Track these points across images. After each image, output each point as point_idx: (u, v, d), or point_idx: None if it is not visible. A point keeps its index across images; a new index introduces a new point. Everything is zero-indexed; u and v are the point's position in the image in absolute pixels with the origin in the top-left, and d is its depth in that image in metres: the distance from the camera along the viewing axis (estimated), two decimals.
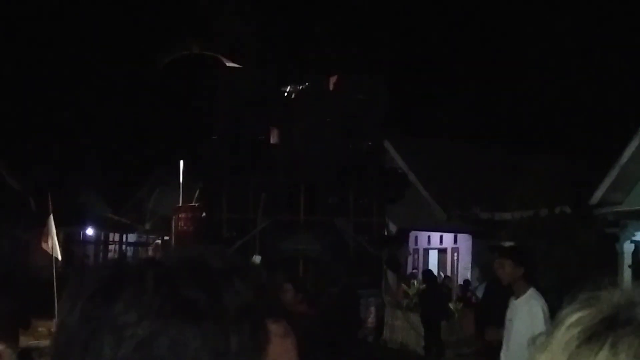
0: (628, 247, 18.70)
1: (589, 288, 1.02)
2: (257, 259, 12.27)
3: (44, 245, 12.59)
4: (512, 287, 7.23)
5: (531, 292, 7.18)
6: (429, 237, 26.15)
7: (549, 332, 0.99)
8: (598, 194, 19.81)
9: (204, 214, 18.88)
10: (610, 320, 0.94)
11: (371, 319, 18.54)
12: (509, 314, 7.19)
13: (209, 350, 0.95)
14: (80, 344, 0.98)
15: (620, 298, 0.97)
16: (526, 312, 7.14)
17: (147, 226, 30.00)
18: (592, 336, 0.94)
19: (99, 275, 1.03)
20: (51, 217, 12.62)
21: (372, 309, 18.57)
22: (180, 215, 20.03)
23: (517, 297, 7.20)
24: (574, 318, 0.97)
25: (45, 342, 9.04)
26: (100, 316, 0.98)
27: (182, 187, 20.64)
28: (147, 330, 0.95)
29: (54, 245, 12.38)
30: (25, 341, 9.40)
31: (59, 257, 12.72)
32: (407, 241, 24.42)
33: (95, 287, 1.00)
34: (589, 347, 0.92)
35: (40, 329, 10.98)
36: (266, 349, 0.99)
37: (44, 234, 12.90)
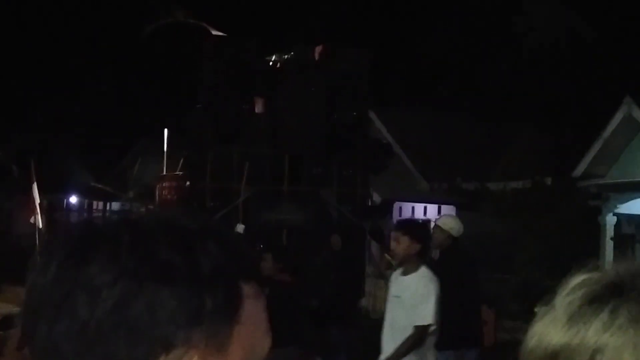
0: (610, 220, 18.83)
1: (571, 260, 1.04)
2: (240, 228, 12.29)
3: (31, 218, 12.55)
4: (403, 263, 6.81)
5: (423, 270, 6.84)
6: (412, 208, 26.20)
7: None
8: (581, 167, 19.92)
9: (187, 183, 18.84)
10: (614, 286, 0.95)
11: (363, 290, 18.65)
12: (395, 290, 6.88)
13: (184, 311, 0.96)
14: (54, 305, 0.99)
15: (625, 269, 0.98)
16: (419, 291, 6.78)
17: (131, 195, 29.92)
18: (594, 299, 0.95)
19: (73, 235, 1.03)
20: (34, 185, 12.57)
21: (366, 279, 18.70)
22: (164, 184, 19.97)
23: (407, 273, 6.84)
24: (578, 281, 0.98)
25: None
26: (75, 277, 0.98)
27: (166, 156, 20.56)
28: (123, 291, 0.96)
29: (36, 214, 12.35)
30: (6, 308, 9.38)
31: (41, 226, 12.68)
32: (391, 212, 24.46)
33: (69, 248, 1.00)
34: (590, 308, 0.95)
35: (21, 296, 10.96)
36: (240, 309, 1.00)
37: (29, 203, 12.85)
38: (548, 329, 0.96)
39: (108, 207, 33.99)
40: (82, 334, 0.96)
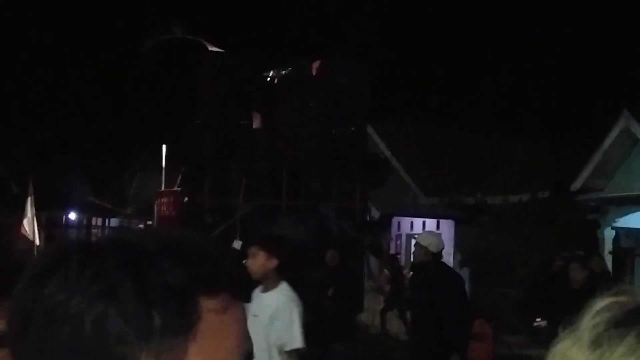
0: (609, 234, 18.84)
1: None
2: (237, 244, 12.26)
3: (22, 229, 12.53)
4: (262, 280, 6.35)
5: (283, 287, 6.44)
6: (411, 222, 26.21)
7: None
8: (580, 181, 19.92)
9: (186, 199, 18.83)
10: None
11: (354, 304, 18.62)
12: (253, 308, 6.16)
13: (132, 329, 0.99)
14: (19, 327, 1.03)
15: None
16: (278, 310, 6.29)
17: (129, 211, 29.92)
18: (620, 323, 0.94)
19: (42, 257, 1.08)
20: (29, 200, 12.54)
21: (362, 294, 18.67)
22: (162, 200, 19.97)
23: (266, 290, 6.39)
24: (604, 304, 0.97)
25: None
26: (34, 298, 1.02)
27: (165, 171, 20.57)
28: (74, 311, 0.99)
29: (33, 229, 12.32)
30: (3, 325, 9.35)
31: (37, 242, 12.65)
32: (389, 227, 24.47)
33: (36, 269, 1.05)
34: (616, 331, 0.93)
35: None
36: (196, 325, 1.02)
37: (23, 216, 12.85)
38: (571, 350, 0.95)
39: (107, 223, 33.97)
40: (40, 356, 1.00)
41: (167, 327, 1.00)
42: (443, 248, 9.05)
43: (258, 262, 6.24)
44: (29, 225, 12.51)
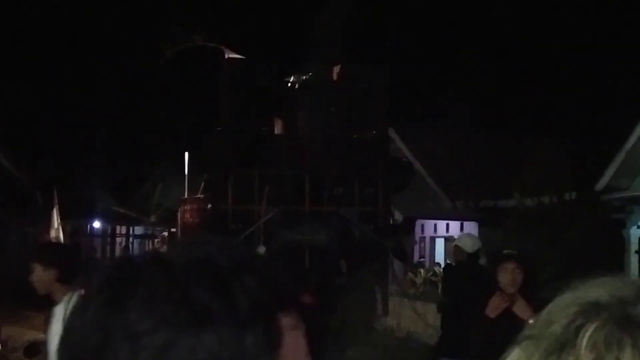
0: (634, 233, 18.68)
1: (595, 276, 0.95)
2: (261, 249, 12.30)
3: (49, 239, 12.65)
4: (51, 294, 5.74)
5: (70, 298, 5.64)
6: (435, 225, 26.12)
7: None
8: (604, 180, 19.79)
9: (209, 206, 18.90)
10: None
11: (383, 309, 18.58)
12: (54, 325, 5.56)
13: (226, 353, 0.94)
14: (93, 350, 0.98)
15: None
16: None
17: (153, 218, 30.05)
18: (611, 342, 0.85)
19: (111, 276, 1.02)
20: (54, 210, 12.65)
21: (378, 297, 18.61)
22: (185, 207, 20.05)
23: (56, 303, 5.72)
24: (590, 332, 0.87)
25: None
26: (114, 324, 0.97)
27: (187, 179, 20.65)
28: (163, 339, 0.94)
29: (57, 238, 12.43)
30: (31, 334, 9.41)
31: None
32: (413, 230, 24.40)
33: (108, 292, 1.00)
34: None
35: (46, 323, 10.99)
36: (281, 344, 0.98)
37: (50, 227, 12.96)
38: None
39: (131, 231, 34.13)
40: None
41: (258, 348, 0.96)
42: (479, 249, 9.22)
43: (36, 276, 5.69)
44: (56, 235, 12.63)
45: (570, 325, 0.84)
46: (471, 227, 24.06)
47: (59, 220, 13.38)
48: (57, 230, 12.68)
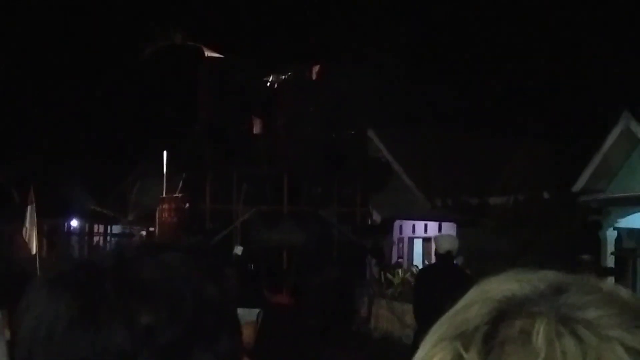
0: (611, 235, 18.80)
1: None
2: (238, 249, 12.26)
3: (21, 237, 12.51)
4: None
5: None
6: (413, 226, 26.18)
7: None
8: (581, 181, 19.89)
9: (187, 205, 18.83)
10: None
11: (364, 310, 18.57)
12: None
13: None
14: None
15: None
16: None
17: (131, 217, 29.93)
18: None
19: (80, 285, 1.02)
20: (29, 208, 12.52)
21: (365, 299, 18.60)
22: (163, 206, 19.97)
23: None
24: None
25: None
26: (92, 341, 0.98)
27: (166, 178, 20.57)
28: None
29: (30, 237, 12.29)
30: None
31: (33, 250, 12.59)
32: (391, 230, 24.44)
33: (80, 302, 1.00)
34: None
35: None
36: None
37: (24, 225, 12.83)
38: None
39: (109, 230, 33.97)
40: None
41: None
42: (451, 249, 9.27)
43: None
44: (28, 235, 12.50)
45: (495, 320, 0.80)
46: (449, 228, 24.12)
47: (34, 219, 13.25)
48: (29, 229, 12.52)
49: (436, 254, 9.58)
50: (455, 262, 9.56)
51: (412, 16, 32.24)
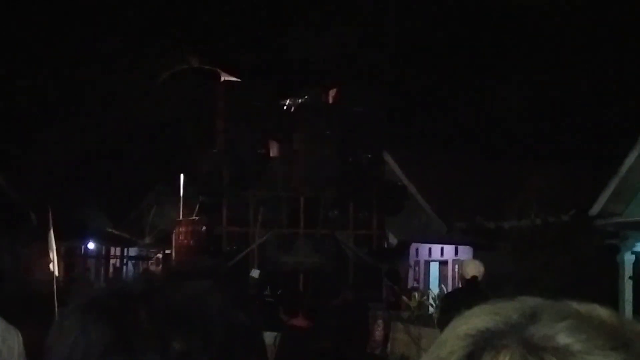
0: (629, 258, 18.69)
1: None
2: (255, 272, 12.29)
3: (49, 262, 12.55)
4: None
5: None
6: (429, 249, 26.11)
7: None
8: (598, 205, 19.80)
9: (204, 228, 18.87)
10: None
11: (379, 332, 18.50)
12: None
13: None
14: None
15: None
16: None
17: (148, 240, 30.01)
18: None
19: (113, 316, 1.05)
20: (51, 232, 12.58)
21: (380, 322, 18.53)
22: (180, 229, 20.02)
23: None
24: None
25: None
26: None
27: (182, 201, 20.63)
28: None
29: (53, 261, 12.35)
30: None
31: (57, 274, 12.67)
32: (407, 253, 24.38)
33: (114, 333, 1.03)
34: None
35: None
36: None
37: (47, 249, 12.86)
38: None
39: (125, 253, 34.06)
40: None
41: None
42: (477, 274, 9.42)
43: None
44: (52, 258, 12.55)
45: (468, 356, 0.82)
46: (466, 251, 24.06)
47: (54, 242, 13.31)
48: (52, 253, 12.60)
49: (462, 278, 9.70)
50: (480, 287, 9.63)
51: (426, 38, 32.33)
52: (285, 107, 19.59)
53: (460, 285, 9.85)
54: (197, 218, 19.51)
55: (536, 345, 0.80)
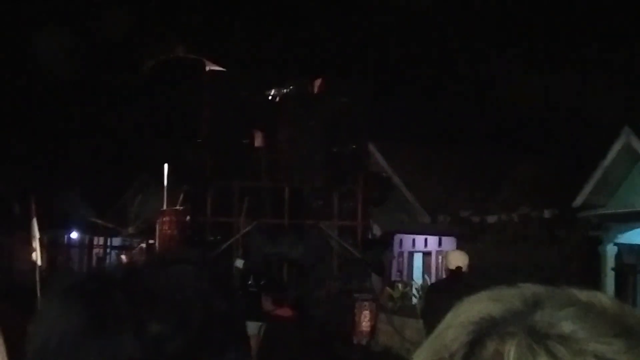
0: (611, 250, 18.81)
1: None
2: (239, 263, 12.27)
3: (31, 252, 12.51)
4: None
5: None
6: (413, 240, 26.19)
7: None
8: (581, 197, 19.92)
9: (188, 218, 18.83)
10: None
11: (365, 323, 18.52)
12: None
13: None
14: None
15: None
16: None
17: (131, 230, 29.92)
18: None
19: (89, 297, 1.04)
20: (34, 221, 12.53)
21: (367, 312, 18.55)
22: (164, 219, 19.94)
23: None
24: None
25: None
26: (100, 349, 1.00)
27: (166, 190, 20.56)
28: None
29: (36, 250, 12.31)
30: None
31: (39, 263, 12.63)
32: (391, 244, 24.44)
33: (89, 313, 1.02)
34: None
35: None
36: None
37: (30, 238, 12.82)
38: None
39: (109, 243, 33.96)
40: None
41: None
42: (461, 265, 9.50)
43: None
44: (35, 247, 12.51)
45: (471, 343, 0.82)
46: (449, 242, 24.14)
47: (36, 232, 13.26)
48: (36, 242, 12.56)
49: (446, 269, 9.79)
50: (465, 277, 9.68)
51: (413, 30, 32.33)
52: (270, 97, 19.55)
53: (444, 276, 9.89)
54: (181, 208, 19.46)
55: (541, 333, 0.80)
